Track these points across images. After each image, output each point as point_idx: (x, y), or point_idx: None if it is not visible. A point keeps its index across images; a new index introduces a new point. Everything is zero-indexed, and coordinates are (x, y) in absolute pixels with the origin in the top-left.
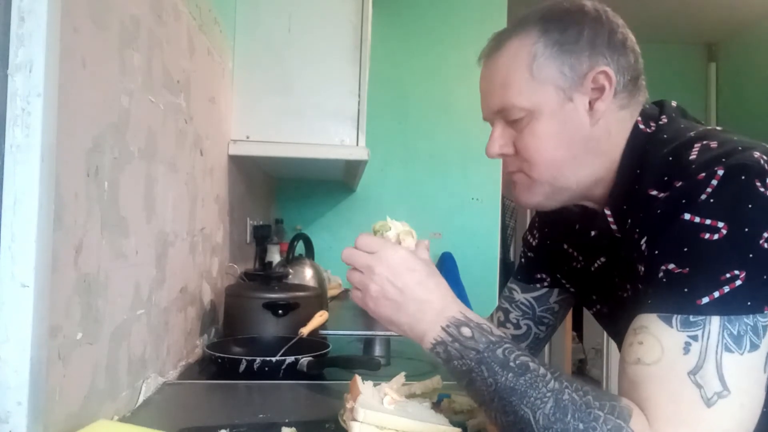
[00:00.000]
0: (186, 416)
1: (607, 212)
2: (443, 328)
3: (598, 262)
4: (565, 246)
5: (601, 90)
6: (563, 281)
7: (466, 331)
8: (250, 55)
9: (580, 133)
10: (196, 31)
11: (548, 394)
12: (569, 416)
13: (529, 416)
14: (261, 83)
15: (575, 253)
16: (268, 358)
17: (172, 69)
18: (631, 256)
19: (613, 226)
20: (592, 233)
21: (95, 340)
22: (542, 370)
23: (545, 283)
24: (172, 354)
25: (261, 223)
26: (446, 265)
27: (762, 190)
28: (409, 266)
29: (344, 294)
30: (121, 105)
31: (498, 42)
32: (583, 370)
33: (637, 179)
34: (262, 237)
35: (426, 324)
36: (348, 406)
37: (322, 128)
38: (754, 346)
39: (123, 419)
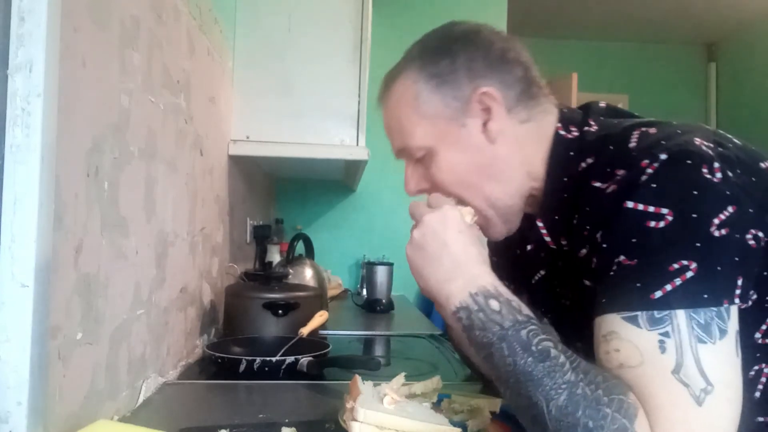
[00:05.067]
0: (186, 416)
1: (540, 224)
2: (471, 294)
3: (538, 276)
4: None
5: (488, 110)
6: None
7: (494, 304)
8: (250, 55)
9: (483, 156)
10: (196, 31)
11: (563, 386)
12: (580, 412)
13: (542, 405)
14: (261, 83)
15: (518, 261)
16: (268, 358)
17: (172, 69)
18: (580, 252)
19: (547, 238)
20: (528, 248)
21: (95, 340)
22: (562, 359)
23: (510, 288)
24: (172, 354)
25: (261, 223)
26: None
27: (709, 176)
28: (459, 227)
29: (344, 294)
30: (121, 105)
31: (386, 84)
32: None
33: (566, 187)
34: (262, 237)
35: (455, 285)
36: (348, 406)
37: (322, 128)
38: (723, 332)
39: (123, 419)
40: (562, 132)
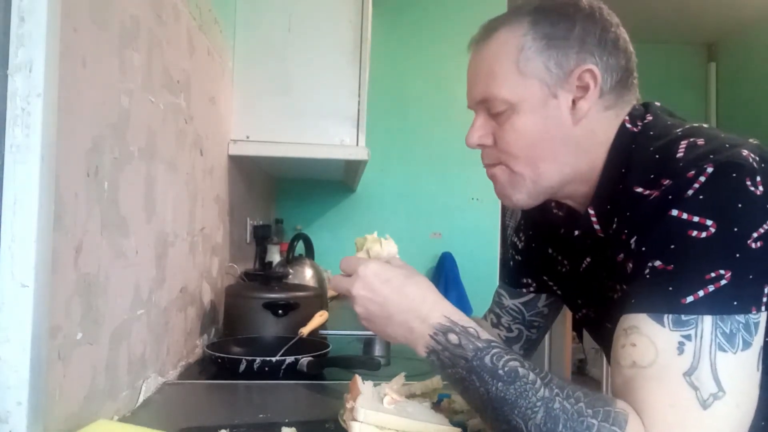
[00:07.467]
0: (186, 416)
1: (591, 212)
2: (431, 336)
3: (585, 263)
4: (550, 250)
5: (585, 88)
6: (550, 284)
7: (453, 338)
8: (250, 55)
9: (561, 132)
10: (196, 31)
11: (538, 404)
12: (561, 426)
13: (521, 426)
14: (261, 83)
15: (560, 257)
16: (268, 358)
17: (172, 69)
18: (618, 256)
19: (596, 226)
20: (576, 233)
21: (95, 340)
22: (532, 376)
23: (531, 288)
24: (172, 354)
25: (261, 223)
26: (446, 265)
27: (752, 189)
28: (383, 278)
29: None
30: (121, 105)
31: (488, 30)
32: (583, 370)
33: (623, 178)
34: (262, 237)
35: (416, 333)
36: (348, 406)
37: (322, 128)
38: (746, 344)
39: (123, 419)
40: (629, 125)
